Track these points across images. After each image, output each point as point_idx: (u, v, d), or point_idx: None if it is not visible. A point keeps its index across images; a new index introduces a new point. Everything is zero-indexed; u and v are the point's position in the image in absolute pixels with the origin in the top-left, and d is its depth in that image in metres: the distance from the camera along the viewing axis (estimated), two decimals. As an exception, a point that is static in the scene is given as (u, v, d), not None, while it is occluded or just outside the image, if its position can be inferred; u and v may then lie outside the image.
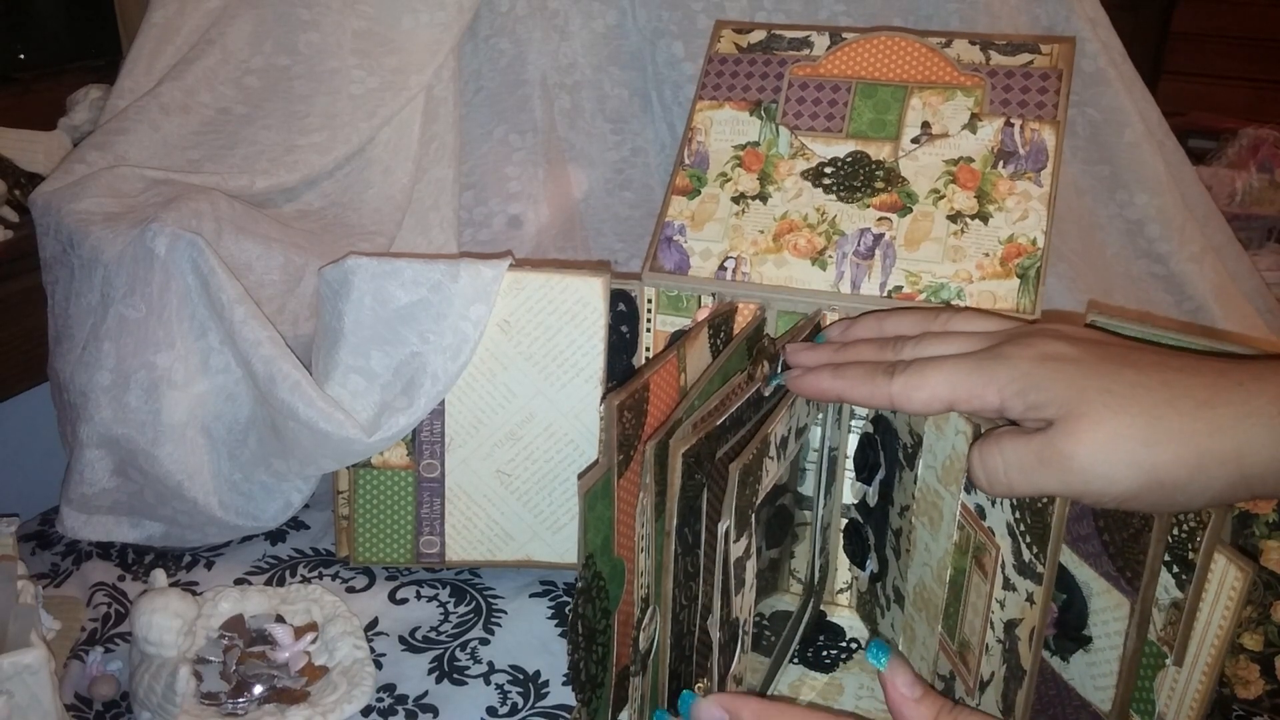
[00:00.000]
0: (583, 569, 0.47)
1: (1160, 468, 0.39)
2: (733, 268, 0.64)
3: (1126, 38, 0.87)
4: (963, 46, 0.67)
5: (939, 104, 0.66)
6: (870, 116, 0.66)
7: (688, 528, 0.48)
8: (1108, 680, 0.45)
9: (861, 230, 0.64)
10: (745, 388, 0.53)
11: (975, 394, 0.45)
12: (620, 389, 0.48)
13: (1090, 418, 0.41)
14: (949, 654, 0.54)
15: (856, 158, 0.65)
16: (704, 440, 0.48)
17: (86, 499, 0.69)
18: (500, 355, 0.65)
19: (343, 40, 0.80)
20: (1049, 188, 0.62)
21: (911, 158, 0.65)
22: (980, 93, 0.65)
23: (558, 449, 0.67)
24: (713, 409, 0.50)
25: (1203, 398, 0.40)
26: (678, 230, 0.66)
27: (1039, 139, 0.64)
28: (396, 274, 0.63)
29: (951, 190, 0.64)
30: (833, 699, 0.60)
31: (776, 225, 0.65)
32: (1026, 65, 0.66)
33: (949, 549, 0.53)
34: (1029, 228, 0.62)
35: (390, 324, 0.64)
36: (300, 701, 0.57)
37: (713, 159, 0.67)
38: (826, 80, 0.68)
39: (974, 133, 0.65)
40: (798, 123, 0.67)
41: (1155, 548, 0.42)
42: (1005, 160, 0.63)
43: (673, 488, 0.46)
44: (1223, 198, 1.27)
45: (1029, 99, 0.65)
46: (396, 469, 0.67)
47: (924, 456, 0.55)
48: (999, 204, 0.63)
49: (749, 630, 0.53)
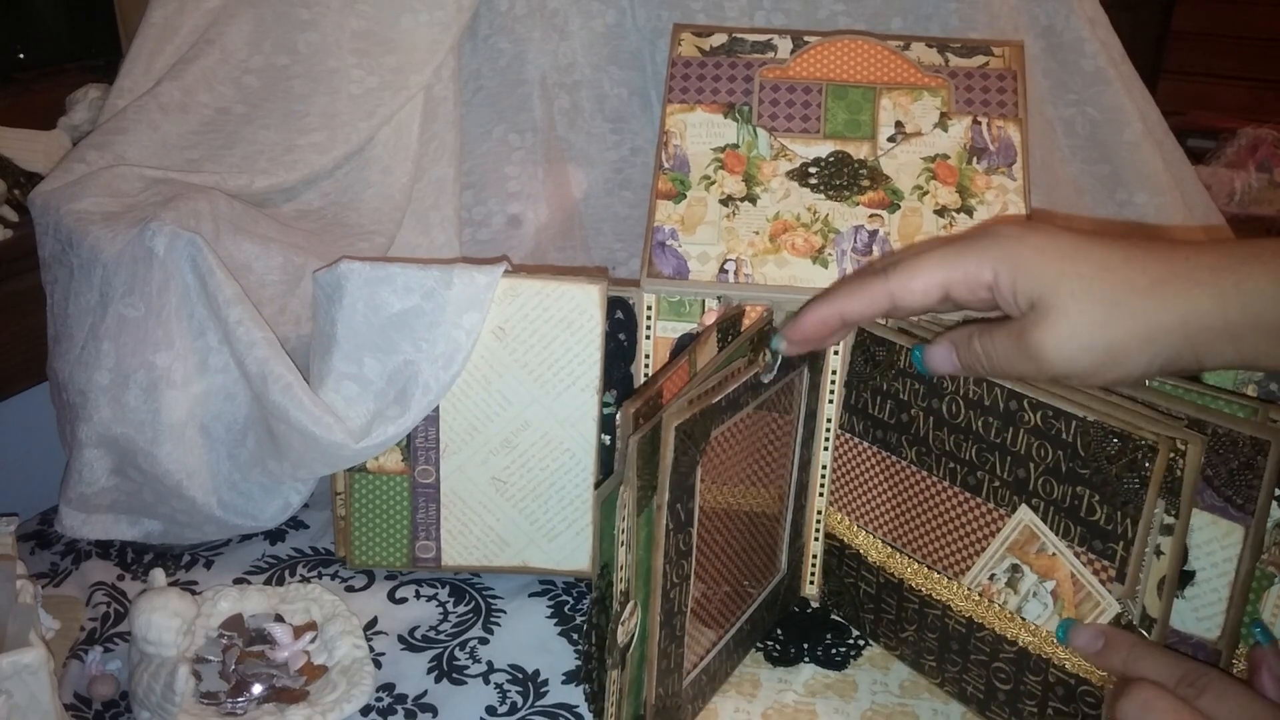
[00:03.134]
0: (597, 579, 0.47)
1: (1115, 345, 0.45)
2: (733, 270, 0.64)
3: (1126, 37, 0.87)
4: (921, 49, 0.69)
5: (909, 104, 0.67)
6: (845, 117, 0.67)
7: (680, 504, 0.48)
8: (1212, 609, 0.49)
9: (856, 227, 0.64)
10: (743, 371, 0.53)
11: (970, 273, 0.48)
12: (635, 396, 0.48)
13: (1058, 309, 0.45)
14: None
15: (839, 157, 0.66)
16: (698, 417, 0.48)
17: (85, 498, 0.69)
18: (495, 362, 0.65)
19: (342, 40, 0.80)
20: (1022, 181, 0.65)
21: (890, 156, 0.66)
22: (946, 93, 0.68)
23: (554, 457, 0.67)
24: (710, 388, 0.50)
25: (1156, 273, 0.45)
26: (669, 235, 0.65)
27: (1005, 135, 0.66)
28: (389, 280, 0.62)
29: (934, 186, 0.65)
30: (847, 696, 0.60)
31: (771, 226, 0.65)
32: (983, 67, 0.69)
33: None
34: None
35: (383, 331, 0.63)
36: (299, 701, 0.57)
37: (693, 162, 0.67)
38: (797, 82, 0.68)
39: (945, 131, 0.67)
40: (774, 124, 0.68)
41: (1270, 473, 0.47)
42: (978, 156, 0.66)
43: (665, 461, 0.46)
44: (1222, 197, 1.27)
45: (990, 98, 0.68)
46: (392, 474, 0.67)
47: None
48: (979, 198, 0.65)
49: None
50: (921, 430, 0.57)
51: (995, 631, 0.55)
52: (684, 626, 0.52)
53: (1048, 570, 0.53)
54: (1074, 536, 0.51)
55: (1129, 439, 0.48)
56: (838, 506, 0.64)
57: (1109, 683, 0.50)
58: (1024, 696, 0.55)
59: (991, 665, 0.56)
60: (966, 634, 0.57)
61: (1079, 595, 0.51)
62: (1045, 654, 0.53)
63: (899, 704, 0.60)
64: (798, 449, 0.63)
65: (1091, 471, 0.49)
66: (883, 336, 0.59)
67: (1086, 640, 0.49)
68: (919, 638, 0.60)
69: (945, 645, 0.59)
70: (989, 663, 0.56)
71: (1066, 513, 0.51)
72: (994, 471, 0.54)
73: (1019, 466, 0.53)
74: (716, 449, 0.53)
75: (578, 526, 0.68)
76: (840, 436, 0.63)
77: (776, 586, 0.65)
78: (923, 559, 0.59)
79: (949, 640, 0.58)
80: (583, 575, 0.69)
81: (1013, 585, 0.54)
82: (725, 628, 0.59)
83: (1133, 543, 0.48)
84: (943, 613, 0.58)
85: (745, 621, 0.61)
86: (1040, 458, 0.52)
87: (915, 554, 0.59)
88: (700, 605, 0.55)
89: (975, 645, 0.57)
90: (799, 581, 0.68)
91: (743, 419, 0.56)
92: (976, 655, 0.57)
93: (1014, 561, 0.54)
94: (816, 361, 0.62)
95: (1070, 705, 0.53)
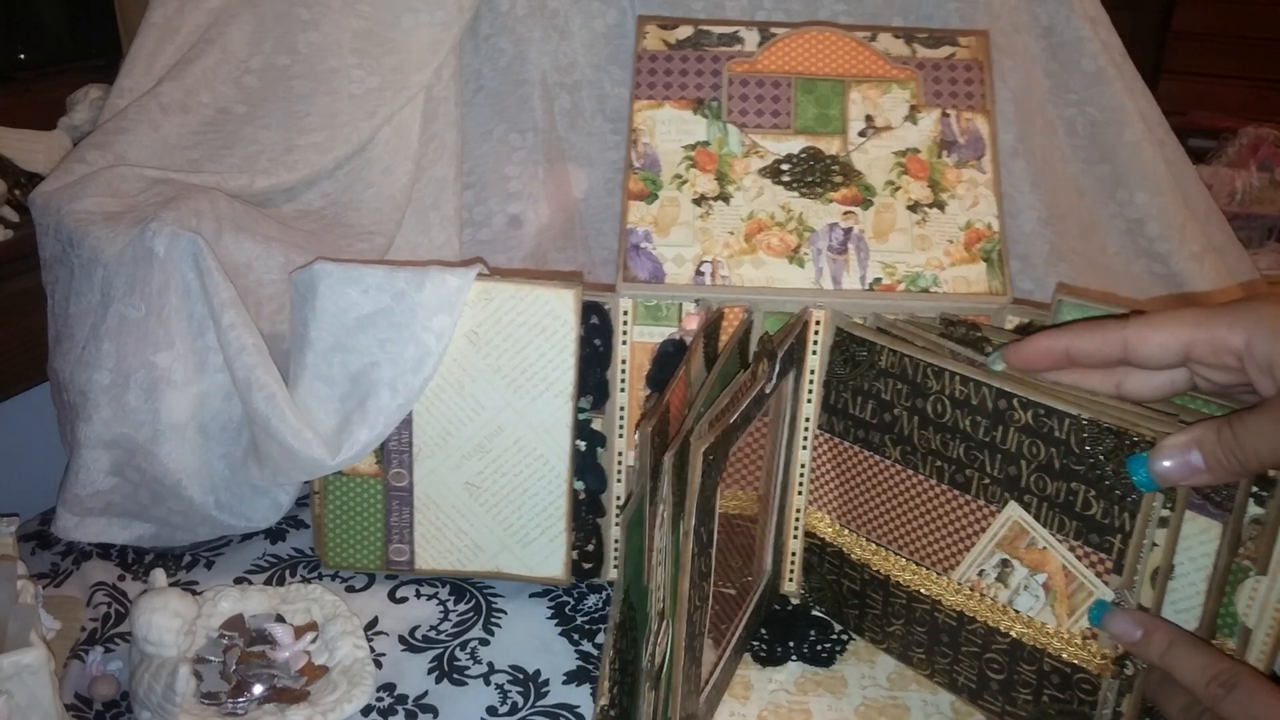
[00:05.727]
0: (621, 604, 0.47)
1: None
2: (710, 272, 0.63)
3: (1126, 37, 0.87)
4: (888, 40, 0.68)
5: (877, 97, 0.67)
6: (814, 111, 0.67)
7: (703, 526, 0.48)
8: (1190, 603, 0.49)
9: (830, 225, 0.64)
10: (750, 386, 0.53)
11: (1219, 336, 0.45)
12: (650, 414, 0.48)
13: None
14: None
15: (810, 153, 0.65)
16: (721, 439, 0.48)
17: (80, 500, 0.69)
18: (468, 367, 0.64)
19: (342, 40, 0.80)
20: (992, 174, 0.65)
21: (861, 151, 0.66)
22: (914, 85, 0.67)
23: (527, 463, 0.66)
24: (724, 407, 0.50)
25: None
26: (643, 237, 0.64)
27: (974, 128, 0.66)
28: (359, 281, 0.62)
29: (905, 181, 0.65)
30: (838, 691, 0.60)
31: (745, 225, 0.64)
32: (950, 57, 0.68)
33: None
34: (983, 213, 0.64)
35: (352, 332, 0.63)
36: (300, 701, 0.57)
37: (663, 160, 0.66)
38: (766, 76, 0.68)
39: (915, 124, 0.66)
40: (744, 120, 0.67)
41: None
42: (948, 150, 0.66)
43: (692, 486, 0.46)
44: (1223, 197, 1.27)
45: (958, 90, 0.67)
46: (366, 476, 0.67)
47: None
48: (951, 192, 0.65)
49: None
50: (906, 429, 0.57)
51: (988, 624, 0.56)
52: (702, 647, 0.52)
53: (1039, 564, 0.53)
54: (1069, 531, 0.51)
55: (1125, 435, 0.48)
56: (818, 505, 0.64)
57: (1107, 671, 0.51)
58: (1018, 685, 0.55)
59: (984, 656, 0.56)
60: (957, 627, 0.57)
61: (1071, 587, 0.52)
62: (1040, 644, 0.54)
63: (889, 696, 0.60)
64: (782, 450, 0.63)
65: (1086, 468, 0.50)
66: (862, 337, 0.59)
67: (1125, 628, 0.49)
68: (907, 631, 0.60)
69: (935, 638, 0.59)
70: (981, 654, 0.57)
71: (1061, 508, 0.51)
72: (983, 469, 0.54)
73: (1010, 464, 0.53)
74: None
75: (552, 533, 0.67)
76: (819, 436, 0.63)
77: (764, 588, 0.64)
78: (909, 555, 0.59)
79: (939, 633, 0.58)
80: (557, 583, 0.69)
81: (1003, 580, 0.55)
82: (727, 637, 0.59)
83: (1130, 536, 0.49)
84: (932, 607, 0.58)
85: (742, 629, 0.61)
86: (1032, 455, 0.52)
87: (902, 551, 0.60)
88: (711, 622, 0.55)
89: (966, 638, 0.57)
90: (779, 580, 0.67)
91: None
92: (968, 647, 0.57)
93: (1004, 557, 0.55)
94: (800, 364, 0.62)
95: (1066, 692, 0.53)
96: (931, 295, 0.62)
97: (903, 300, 0.62)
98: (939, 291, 0.62)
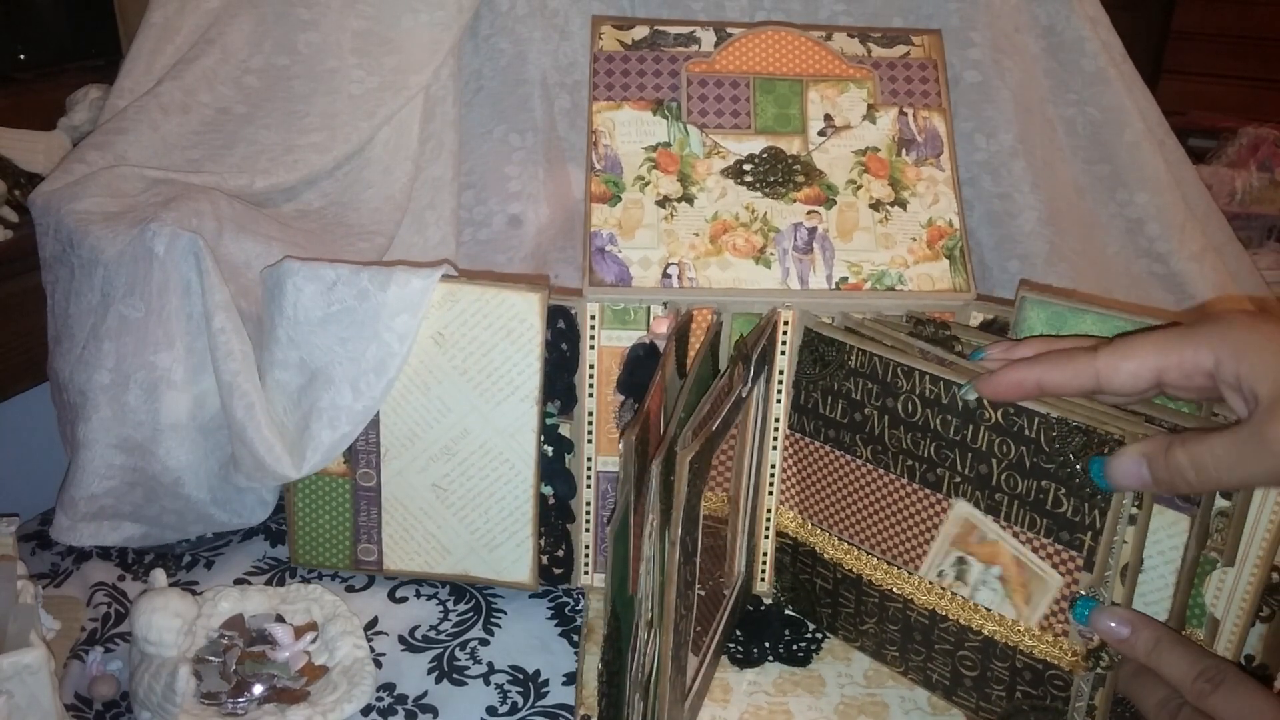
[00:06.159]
0: (609, 616, 0.47)
1: None
2: (676, 274, 0.62)
3: (1126, 37, 0.87)
4: (843, 39, 0.69)
5: (835, 96, 0.67)
6: (774, 111, 0.67)
7: (688, 535, 0.48)
8: (1160, 595, 0.50)
9: (795, 225, 0.64)
10: (728, 393, 0.53)
11: (1188, 359, 0.44)
12: (633, 422, 0.48)
13: None
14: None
15: (772, 153, 0.65)
16: (704, 447, 0.48)
17: (76, 501, 0.69)
18: (434, 368, 0.63)
19: (342, 40, 0.80)
20: (950, 171, 0.66)
21: (822, 150, 0.66)
22: (871, 84, 0.67)
23: (493, 467, 0.65)
24: (706, 415, 0.50)
25: None
26: (608, 240, 0.63)
27: (931, 126, 0.67)
28: (322, 278, 0.62)
29: (866, 180, 0.65)
30: (816, 691, 0.60)
31: (710, 227, 0.64)
32: (904, 56, 0.68)
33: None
34: (943, 210, 0.65)
35: (314, 329, 0.62)
36: (300, 701, 0.57)
37: (625, 162, 0.65)
38: (725, 76, 0.68)
39: (874, 123, 0.67)
40: (704, 121, 0.66)
41: None
42: (907, 148, 0.66)
43: (679, 496, 0.46)
44: (1223, 197, 1.27)
45: (914, 89, 0.68)
46: (334, 475, 0.67)
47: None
48: (911, 189, 0.65)
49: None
50: (877, 429, 0.57)
51: (959, 623, 0.56)
52: (687, 656, 0.52)
53: (991, 556, 0.54)
54: (1039, 529, 0.52)
55: (1094, 434, 0.48)
56: (789, 505, 0.64)
57: (1078, 667, 0.51)
58: (991, 682, 0.56)
59: (956, 654, 0.57)
60: (929, 625, 0.57)
61: (1024, 575, 0.53)
62: (1011, 642, 0.54)
63: (867, 694, 0.60)
64: (753, 451, 0.63)
65: (1056, 466, 0.50)
66: (831, 337, 0.59)
67: (1113, 626, 0.49)
68: (880, 630, 0.61)
69: (908, 636, 0.59)
70: (954, 651, 0.57)
71: (1031, 506, 0.52)
72: (954, 468, 0.54)
73: (980, 462, 0.53)
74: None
75: (519, 538, 0.67)
76: (790, 436, 0.63)
77: (738, 590, 0.64)
78: (881, 554, 0.59)
79: (912, 631, 0.59)
80: (525, 588, 0.68)
81: (962, 578, 0.55)
82: (706, 641, 0.59)
83: (1100, 533, 0.49)
84: (904, 605, 0.59)
85: (720, 633, 0.61)
86: (1003, 453, 0.52)
87: (873, 550, 0.60)
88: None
89: (939, 635, 0.57)
90: (751, 580, 0.67)
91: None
92: (941, 645, 0.57)
93: (959, 554, 0.55)
94: (770, 365, 0.62)
95: (1039, 688, 0.53)
96: (898, 293, 0.62)
97: (870, 299, 0.62)
98: (905, 289, 0.63)
